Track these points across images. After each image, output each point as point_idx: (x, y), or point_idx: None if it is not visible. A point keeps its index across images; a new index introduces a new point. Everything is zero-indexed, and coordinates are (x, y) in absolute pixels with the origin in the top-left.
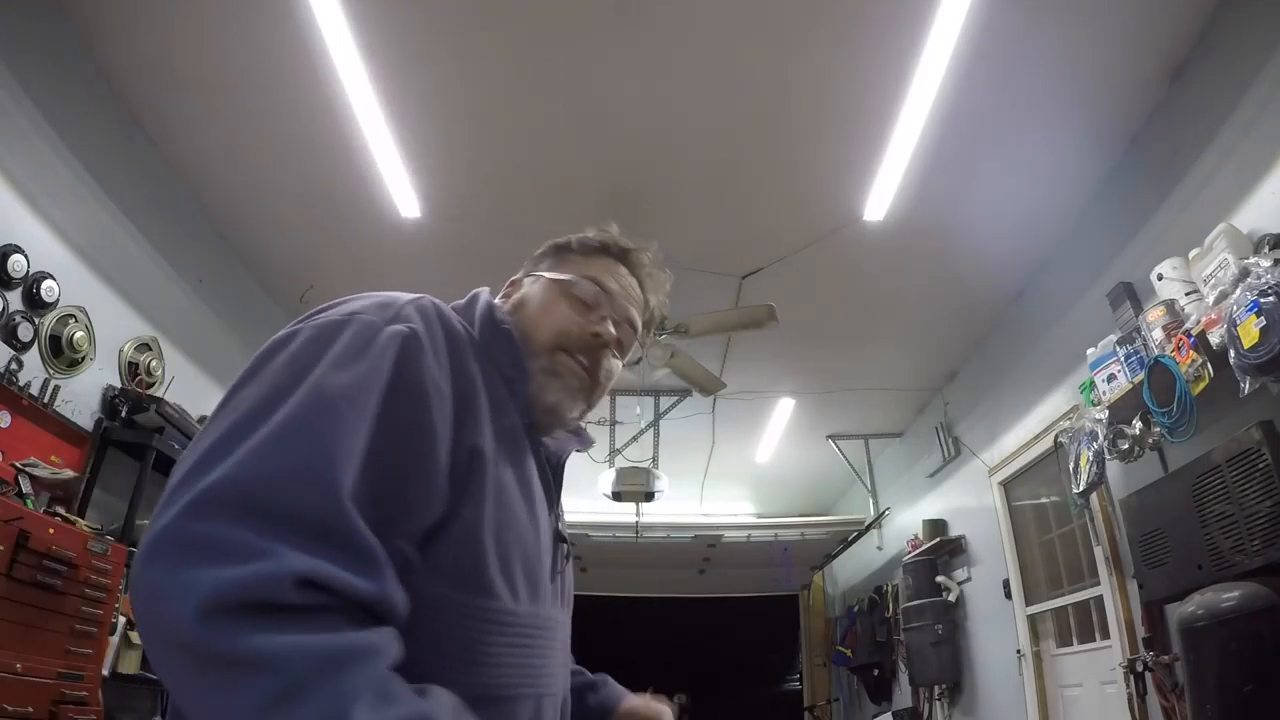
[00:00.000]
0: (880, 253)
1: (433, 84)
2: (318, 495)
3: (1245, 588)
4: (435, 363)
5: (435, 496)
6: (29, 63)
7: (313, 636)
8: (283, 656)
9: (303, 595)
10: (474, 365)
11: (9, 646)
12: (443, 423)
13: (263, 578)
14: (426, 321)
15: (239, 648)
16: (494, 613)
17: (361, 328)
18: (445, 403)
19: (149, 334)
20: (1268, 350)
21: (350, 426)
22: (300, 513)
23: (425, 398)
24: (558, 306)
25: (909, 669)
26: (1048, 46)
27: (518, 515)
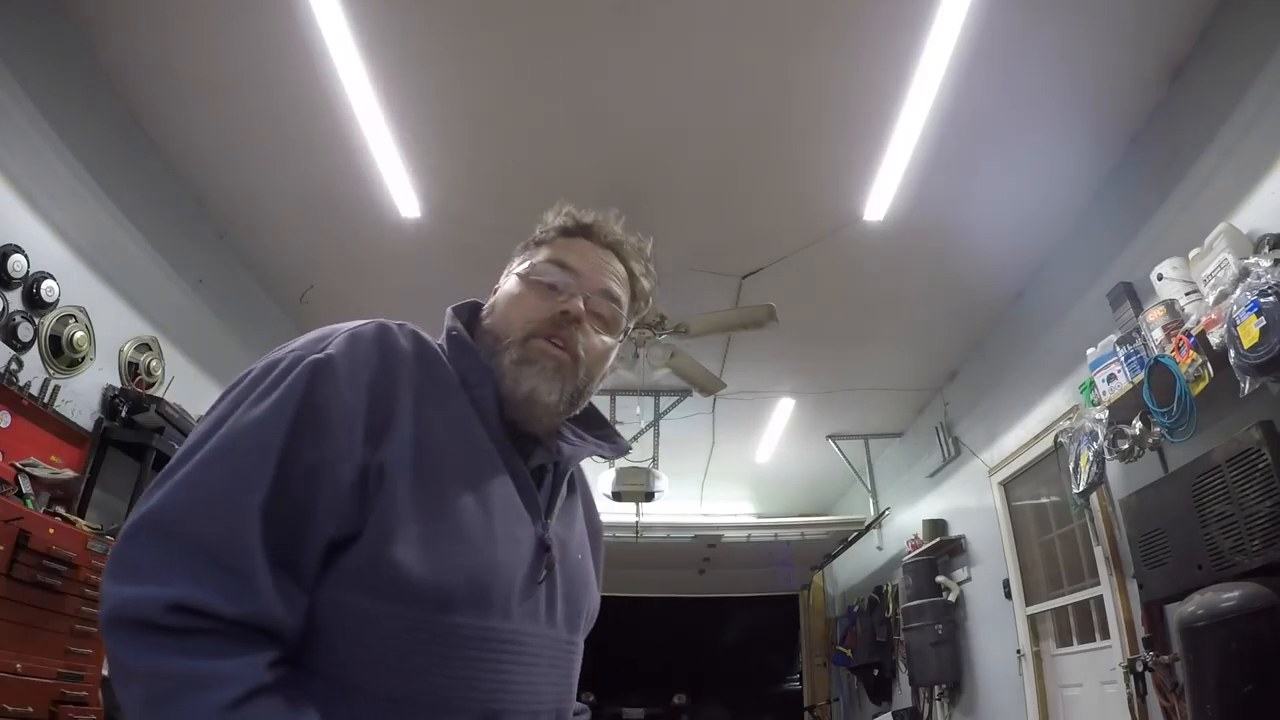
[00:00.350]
0: (880, 253)
1: (433, 84)
2: (213, 523)
3: (1245, 588)
4: (348, 386)
5: (340, 512)
6: (29, 63)
7: (172, 659)
8: (148, 673)
9: (173, 618)
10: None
11: (9, 646)
12: (349, 443)
13: (143, 600)
14: (352, 346)
15: (122, 657)
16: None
17: (287, 364)
18: (353, 423)
19: (149, 334)
20: (1268, 350)
21: (253, 457)
22: (197, 538)
23: (328, 422)
24: (524, 296)
25: (909, 669)
26: (1048, 46)
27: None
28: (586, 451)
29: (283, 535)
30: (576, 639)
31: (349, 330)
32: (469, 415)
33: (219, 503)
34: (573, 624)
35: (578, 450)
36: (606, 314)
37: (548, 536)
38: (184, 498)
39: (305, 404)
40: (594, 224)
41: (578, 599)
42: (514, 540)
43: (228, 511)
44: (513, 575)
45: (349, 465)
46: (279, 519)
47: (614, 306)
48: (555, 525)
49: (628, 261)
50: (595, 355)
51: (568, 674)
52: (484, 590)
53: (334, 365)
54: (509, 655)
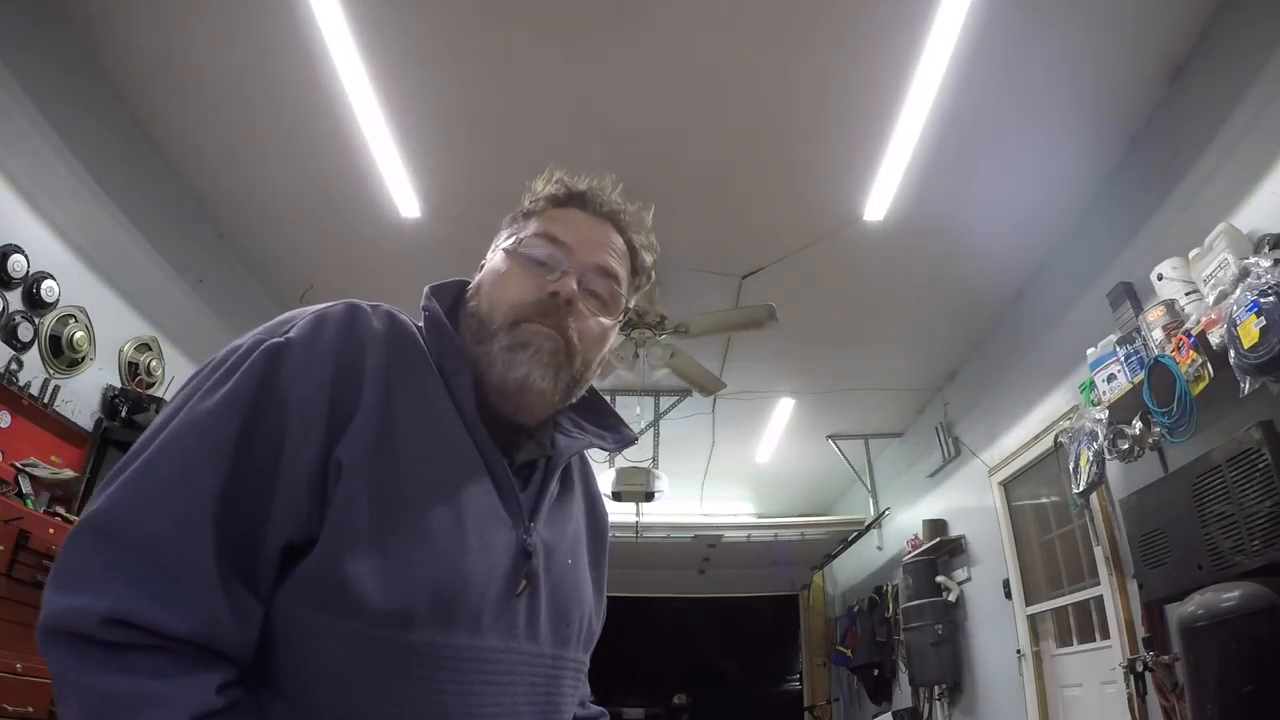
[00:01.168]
0: (880, 253)
1: (433, 84)
2: (158, 525)
3: (1245, 588)
4: (306, 372)
5: (296, 512)
6: (29, 63)
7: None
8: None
9: (109, 633)
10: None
11: (9, 646)
12: (306, 435)
13: (78, 610)
14: (316, 329)
15: (58, 670)
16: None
17: (246, 350)
18: (313, 414)
19: (149, 334)
20: (1268, 350)
21: (204, 452)
22: (140, 543)
23: (285, 410)
24: (511, 276)
25: (909, 669)
26: (1048, 46)
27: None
28: (584, 443)
29: (236, 538)
30: (566, 653)
31: (315, 312)
32: (444, 406)
33: (165, 503)
34: (560, 637)
35: (574, 442)
36: (604, 292)
37: (530, 542)
38: (129, 497)
39: (261, 392)
40: (588, 191)
41: (566, 609)
42: (488, 547)
43: (174, 513)
44: (485, 587)
45: (306, 460)
46: (231, 520)
47: (612, 284)
48: (542, 529)
49: (626, 232)
50: (591, 339)
51: (551, 692)
52: (449, 605)
53: (292, 349)
54: (476, 675)
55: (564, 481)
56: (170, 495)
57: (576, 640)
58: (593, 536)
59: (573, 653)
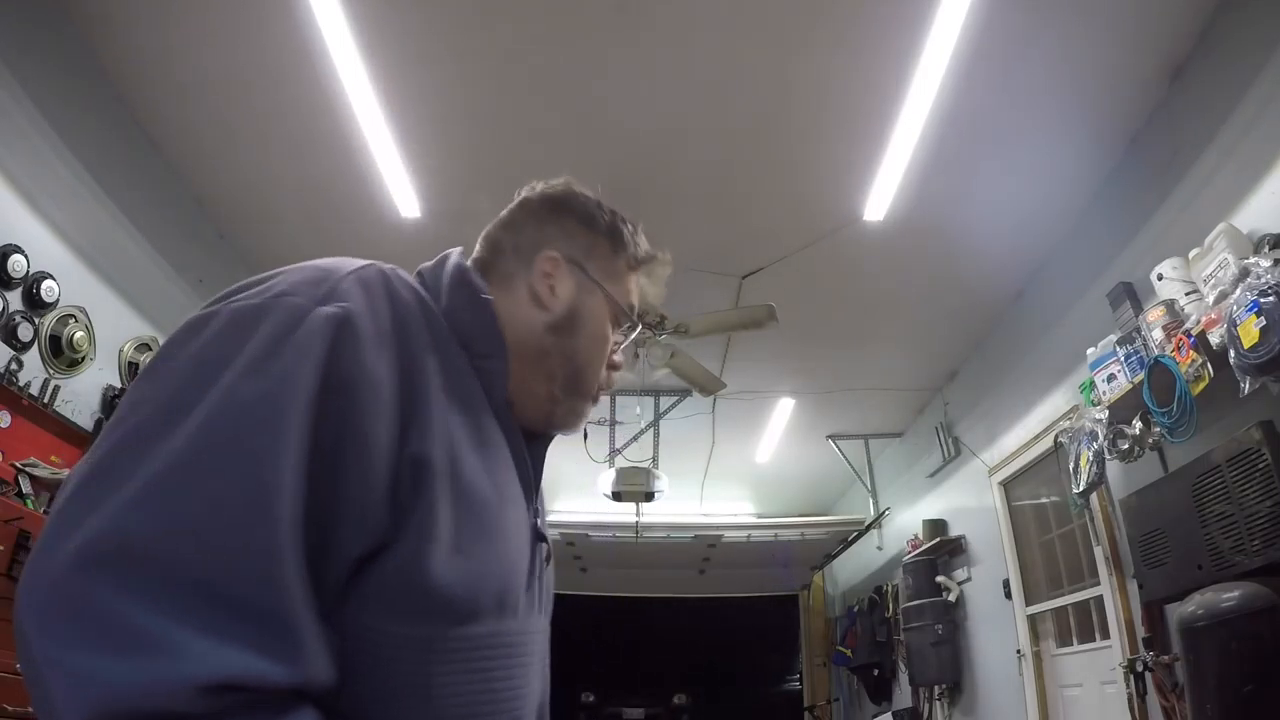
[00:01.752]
0: (880, 253)
1: (433, 84)
2: (232, 556)
3: (1245, 588)
4: (376, 352)
5: (372, 518)
6: (29, 63)
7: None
8: None
9: (209, 703)
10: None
11: (9, 647)
12: (382, 429)
13: (163, 685)
14: (369, 298)
15: None
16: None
17: (284, 315)
18: (386, 403)
19: (149, 334)
20: (1268, 350)
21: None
22: (211, 581)
23: (359, 401)
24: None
25: (909, 669)
26: (1048, 46)
27: (489, 526)
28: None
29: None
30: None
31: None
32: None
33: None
34: (548, 609)
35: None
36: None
37: (540, 525)
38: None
39: (329, 378)
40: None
41: (551, 583)
42: (519, 532)
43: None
44: (522, 572)
45: (384, 460)
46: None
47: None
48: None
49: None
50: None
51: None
52: (505, 597)
53: (357, 325)
54: (516, 658)
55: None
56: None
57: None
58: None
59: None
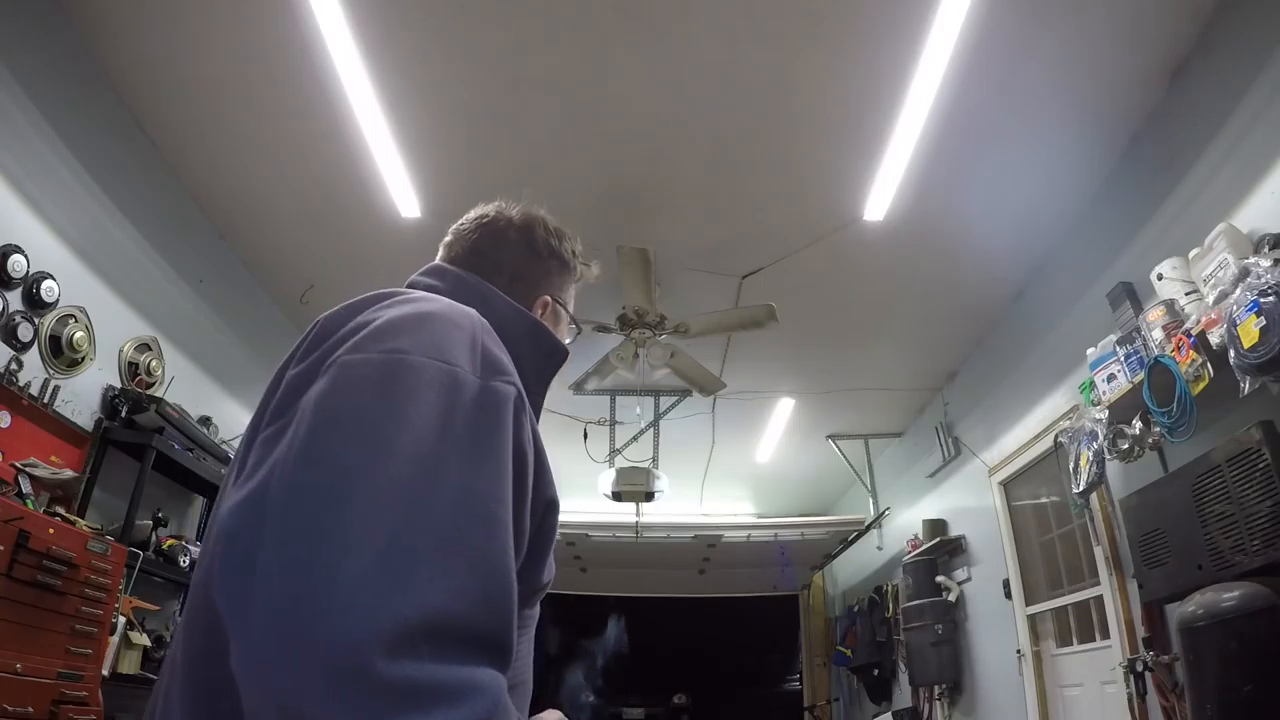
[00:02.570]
0: (880, 253)
1: (433, 83)
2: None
3: (1245, 588)
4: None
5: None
6: (29, 63)
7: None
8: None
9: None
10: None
11: (9, 646)
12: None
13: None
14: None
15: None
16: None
17: (493, 398)
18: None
19: (149, 334)
20: (1267, 350)
21: (505, 527)
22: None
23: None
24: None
25: (909, 669)
26: (1047, 47)
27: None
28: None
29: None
30: None
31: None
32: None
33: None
34: None
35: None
36: None
37: None
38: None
39: (517, 455)
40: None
41: None
42: None
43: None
44: None
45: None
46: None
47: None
48: None
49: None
50: None
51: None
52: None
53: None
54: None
55: None
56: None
57: None
58: None
59: None
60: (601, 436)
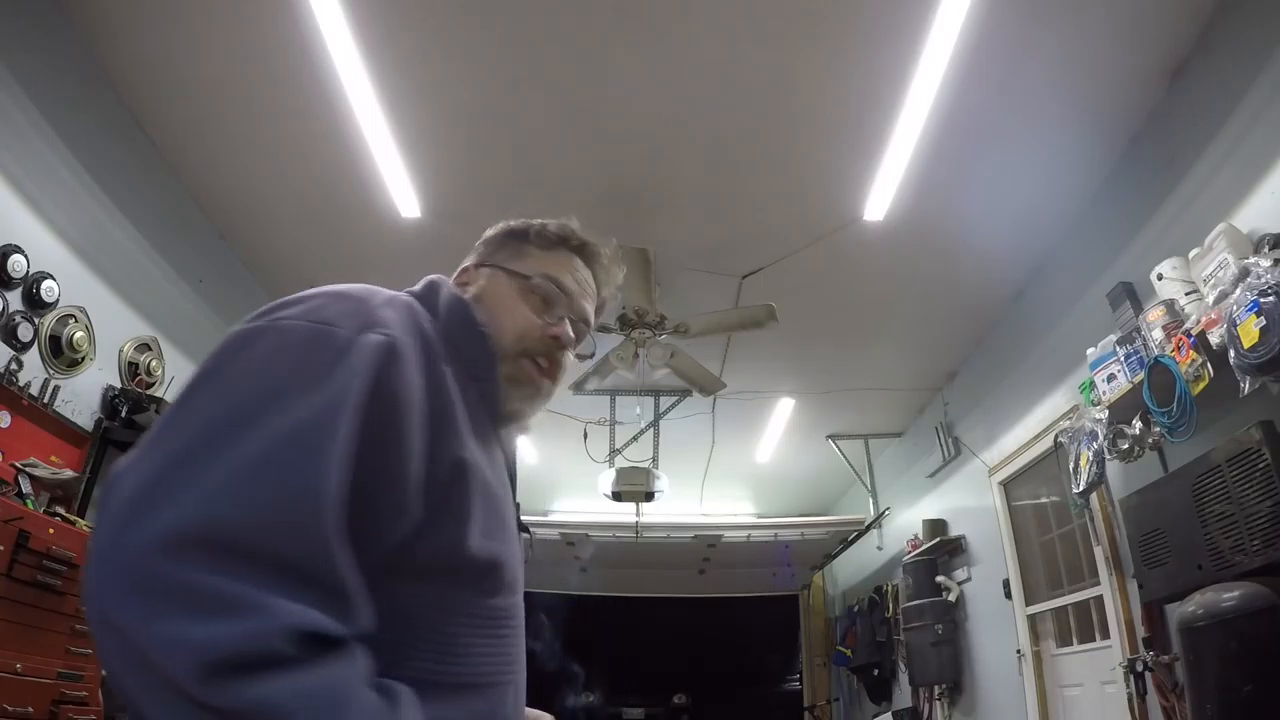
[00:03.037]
0: (880, 253)
1: (433, 84)
2: (301, 537)
3: (1245, 588)
4: (414, 374)
5: (410, 510)
6: (29, 63)
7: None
8: (285, 705)
9: (295, 646)
10: (447, 369)
11: (9, 646)
12: (416, 437)
13: (258, 633)
14: (405, 328)
15: (242, 702)
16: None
17: (332, 342)
18: (420, 415)
19: (149, 334)
20: (1267, 350)
21: (325, 457)
22: (284, 557)
23: (399, 414)
24: (518, 306)
25: (909, 669)
26: (1047, 47)
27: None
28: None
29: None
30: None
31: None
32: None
33: (298, 513)
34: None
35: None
36: (580, 338)
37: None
38: (250, 504)
39: (376, 394)
40: (589, 245)
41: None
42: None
43: (311, 523)
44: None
45: (418, 460)
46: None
47: (585, 331)
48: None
49: (601, 289)
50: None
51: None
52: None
53: (399, 350)
54: (517, 627)
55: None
56: (293, 510)
57: None
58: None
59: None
60: (601, 436)
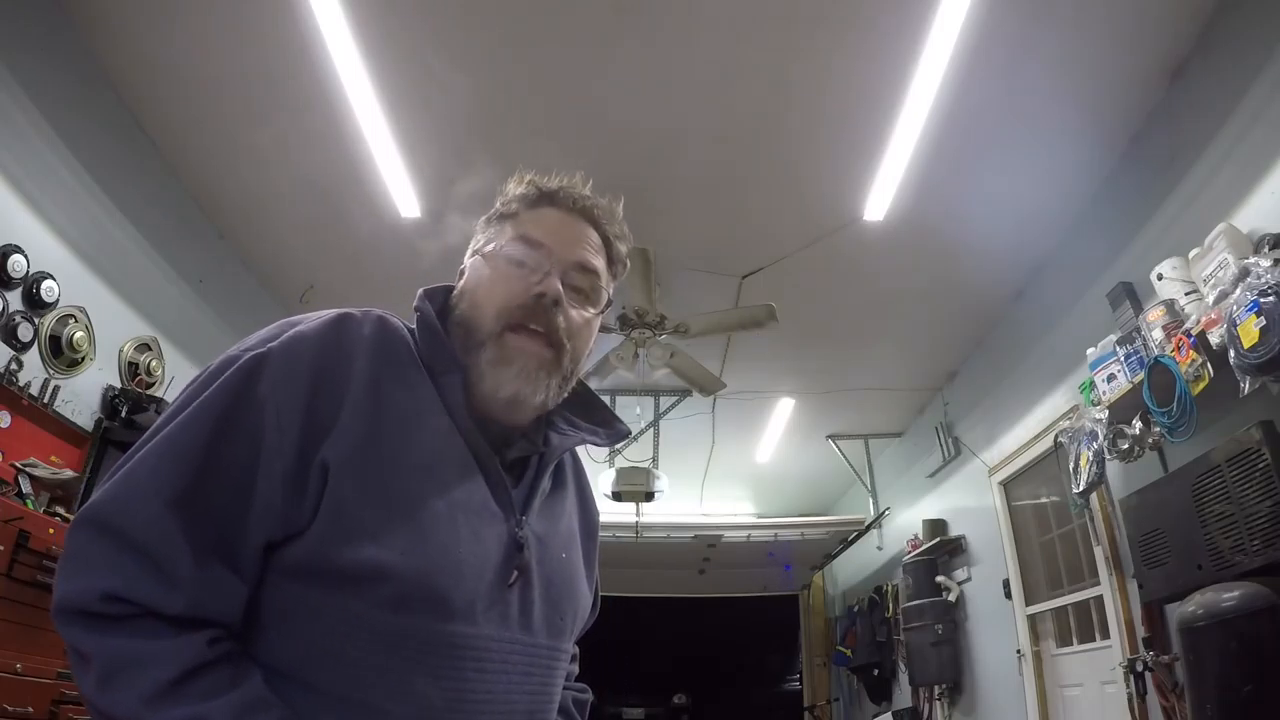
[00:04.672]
0: (880, 253)
1: (433, 84)
2: (141, 519)
3: (1245, 588)
4: (282, 381)
5: (275, 512)
6: (29, 63)
7: (115, 640)
8: (95, 653)
9: (108, 607)
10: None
11: (9, 646)
12: (282, 438)
13: (80, 591)
14: (298, 340)
15: (71, 641)
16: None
17: (231, 361)
18: (288, 419)
19: (149, 334)
20: (1267, 350)
21: (174, 456)
22: (127, 533)
23: (258, 418)
24: (493, 280)
25: (909, 669)
26: (1047, 47)
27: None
28: (576, 440)
29: (210, 529)
30: (559, 644)
31: (302, 323)
32: (434, 406)
33: (139, 498)
34: (554, 628)
35: (566, 439)
36: (585, 286)
37: (522, 535)
38: (116, 494)
39: (236, 400)
40: (559, 190)
41: (559, 600)
42: (479, 540)
43: (145, 507)
44: (479, 577)
45: (283, 461)
46: (202, 514)
47: (592, 278)
48: (535, 522)
49: (600, 225)
50: (578, 331)
51: (546, 682)
52: (444, 594)
53: (270, 360)
54: (470, 662)
55: (557, 478)
56: (143, 493)
57: (570, 632)
58: (585, 534)
59: (565, 643)
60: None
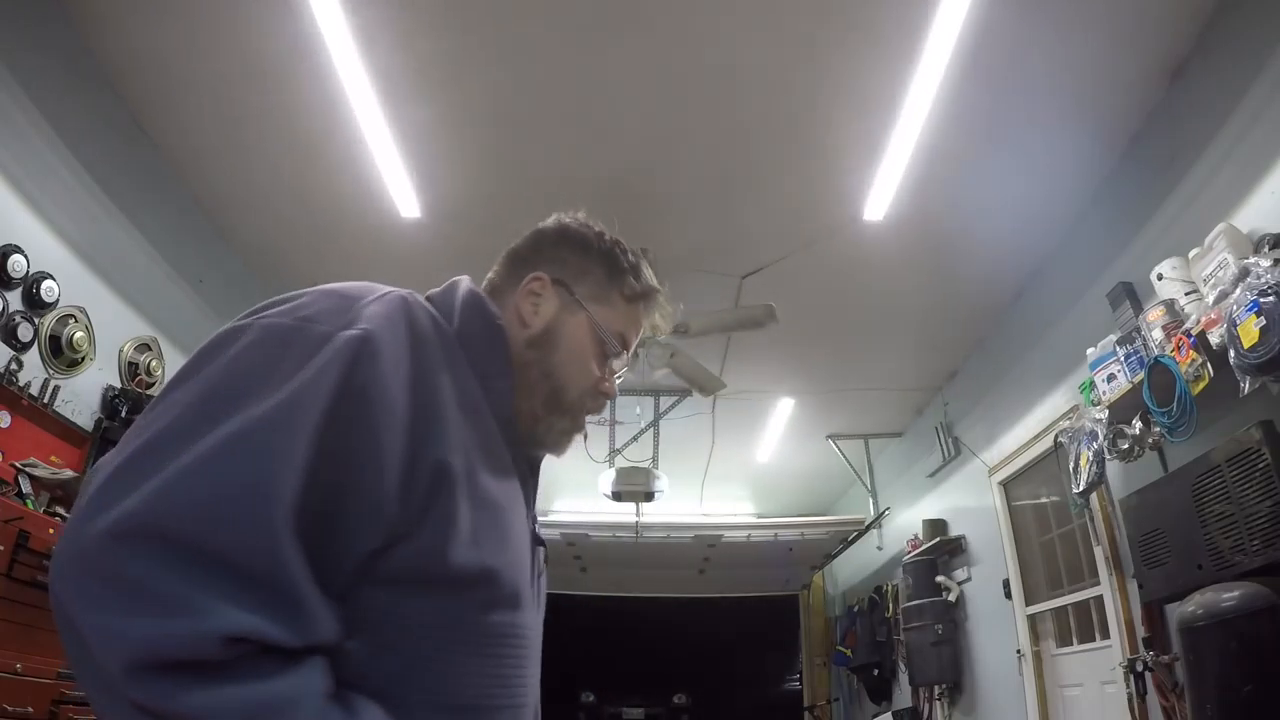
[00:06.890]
0: (880, 253)
1: (432, 84)
2: (248, 537)
3: (1245, 588)
4: (392, 371)
5: (384, 517)
6: (29, 63)
7: (240, 689)
8: (213, 712)
9: (230, 651)
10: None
11: (9, 646)
12: (394, 439)
13: (192, 637)
14: (389, 323)
15: (169, 706)
16: (471, 625)
17: (305, 339)
18: (399, 416)
19: (149, 334)
20: (1267, 350)
21: (279, 453)
22: (230, 557)
23: (370, 412)
24: (590, 362)
25: (909, 669)
26: (1047, 47)
27: (501, 526)
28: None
29: (318, 545)
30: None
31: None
32: (484, 409)
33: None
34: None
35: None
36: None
37: (538, 530)
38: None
39: (344, 390)
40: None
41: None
42: (522, 538)
43: (259, 521)
44: (526, 570)
45: (396, 465)
46: (314, 528)
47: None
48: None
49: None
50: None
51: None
52: (516, 588)
53: (375, 345)
54: (524, 648)
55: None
56: (250, 503)
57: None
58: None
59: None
60: (601, 436)
